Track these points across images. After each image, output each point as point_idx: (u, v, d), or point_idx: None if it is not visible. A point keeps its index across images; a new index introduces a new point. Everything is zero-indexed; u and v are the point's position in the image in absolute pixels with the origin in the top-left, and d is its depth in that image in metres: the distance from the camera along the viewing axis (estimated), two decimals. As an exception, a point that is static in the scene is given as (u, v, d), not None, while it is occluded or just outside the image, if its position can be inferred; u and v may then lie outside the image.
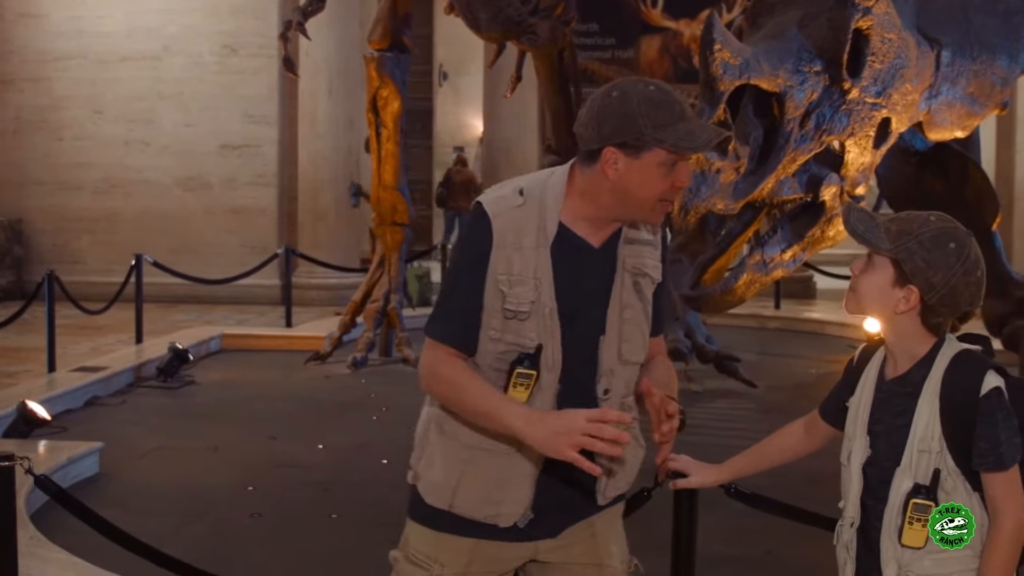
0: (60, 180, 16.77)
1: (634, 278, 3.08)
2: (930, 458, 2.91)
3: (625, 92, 2.96)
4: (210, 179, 16.62)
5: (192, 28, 16.55)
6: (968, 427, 2.87)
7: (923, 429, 2.91)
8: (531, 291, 2.98)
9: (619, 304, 3.06)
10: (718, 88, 5.56)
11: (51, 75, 16.71)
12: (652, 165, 2.94)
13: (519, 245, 3.00)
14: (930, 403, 2.92)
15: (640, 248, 3.10)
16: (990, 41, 6.55)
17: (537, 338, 2.98)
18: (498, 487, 3.06)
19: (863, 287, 3.00)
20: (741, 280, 6.00)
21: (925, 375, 2.95)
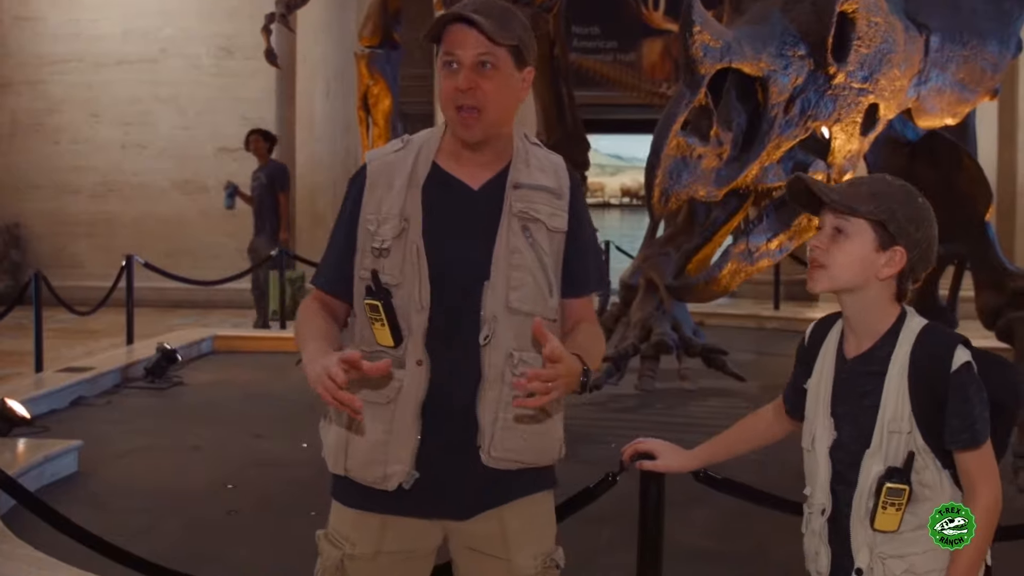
0: (57, 184, 16.71)
1: (523, 223, 2.97)
2: (900, 439, 2.79)
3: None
4: (207, 182, 16.54)
5: (188, 31, 16.48)
6: (939, 404, 2.76)
7: (892, 409, 2.80)
8: (395, 228, 2.90)
9: (505, 248, 2.95)
10: (699, 71, 5.41)
11: (47, 78, 16.65)
12: (439, 66, 2.91)
13: (390, 185, 2.96)
14: (898, 381, 2.80)
15: (532, 193, 3.00)
16: (980, 26, 6.41)
17: (400, 275, 2.90)
18: (382, 445, 2.95)
19: (839, 259, 2.86)
20: (726, 269, 5.86)
21: (890, 352, 2.83)
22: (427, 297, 2.92)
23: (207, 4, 16.46)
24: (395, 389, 2.93)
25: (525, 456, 3.04)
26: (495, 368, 2.96)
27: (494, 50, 2.88)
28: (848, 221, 2.84)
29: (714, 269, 5.88)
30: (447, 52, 2.88)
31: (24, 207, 16.70)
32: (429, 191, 2.97)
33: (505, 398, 2.97)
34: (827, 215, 2.89)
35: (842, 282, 2.86)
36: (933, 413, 2.76)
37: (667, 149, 5.38)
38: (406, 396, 2.92)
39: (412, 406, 2.93)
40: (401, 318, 2.91)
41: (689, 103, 5.41)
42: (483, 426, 2.97)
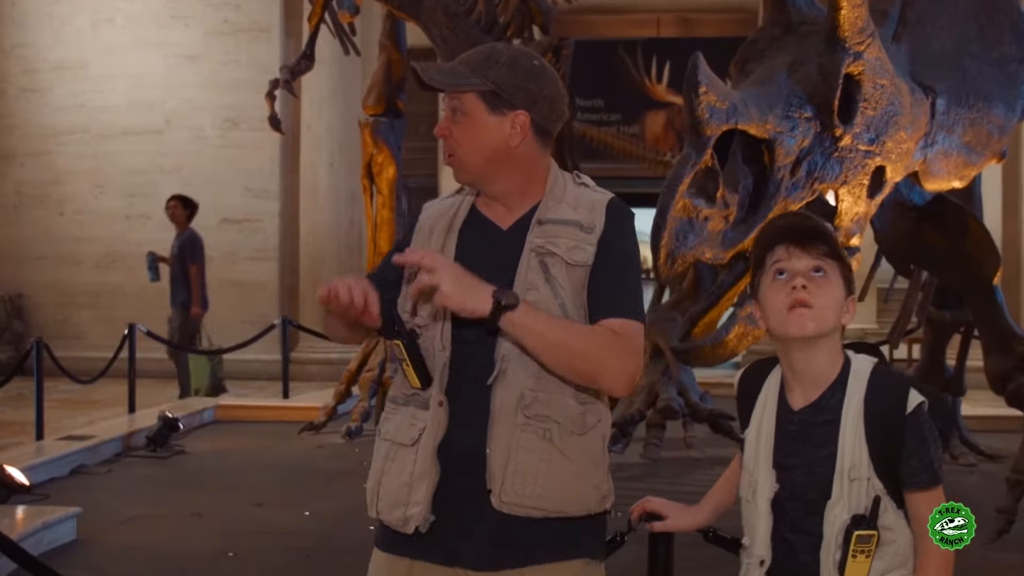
0: (61, 254, 16.71)
1: (540, 258, 2.93)
2: (862, 486, 2.75)
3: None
4: (211, 253, 16.42)
5: (193, 102, 16.54)
6: (895, 447, 2.72)
7: (851, 457, 2.76)
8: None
9: (522, 285, 2.90)
10: (705, 132, 5.37)
11: (52, 149, 16.69)
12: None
13: (432, 230, 2.98)
14: (853, 428, 2.76)
15: (555, 227, 2.95)
16: (986, 89, 6.40)
17: (429, 317, 2.88)
18: (404, 485, 2.92)
19: (824, 299, 2.82)
20: (732, 333, 5.80)
21: (841, 399, 2.79)
22: (448, 337, 2.90)
23: (212, 76, 16.52)
24: (419, 430, 2.91)
25: (545, 503, 2.90)
26: (506, 408, 2.89)
27: (460, 97, 2.93)
28: (824, 260, 2.82)
29: (721, 332, 5.82)
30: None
31: (27, 277, 16.69)
32: (464, 234, 3.00)
33: (518, 440, 2.89)
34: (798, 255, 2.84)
35: (828, 325, 2.82)
36: (890, 457, 2.73)
37: (673, 211, 5.34)
38: (427, 437, 2.89)
39: (431, 447, 2.89)
40: (427, 358, 2.89)
41: (695, 164, 5.37)
42: (493, 469, 2.89)
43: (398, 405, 3.01)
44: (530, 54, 3.04)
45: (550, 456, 2.92)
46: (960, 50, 6.41)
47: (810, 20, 5.92)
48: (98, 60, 16.60)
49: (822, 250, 2.80)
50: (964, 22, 6.49)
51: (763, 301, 2.86)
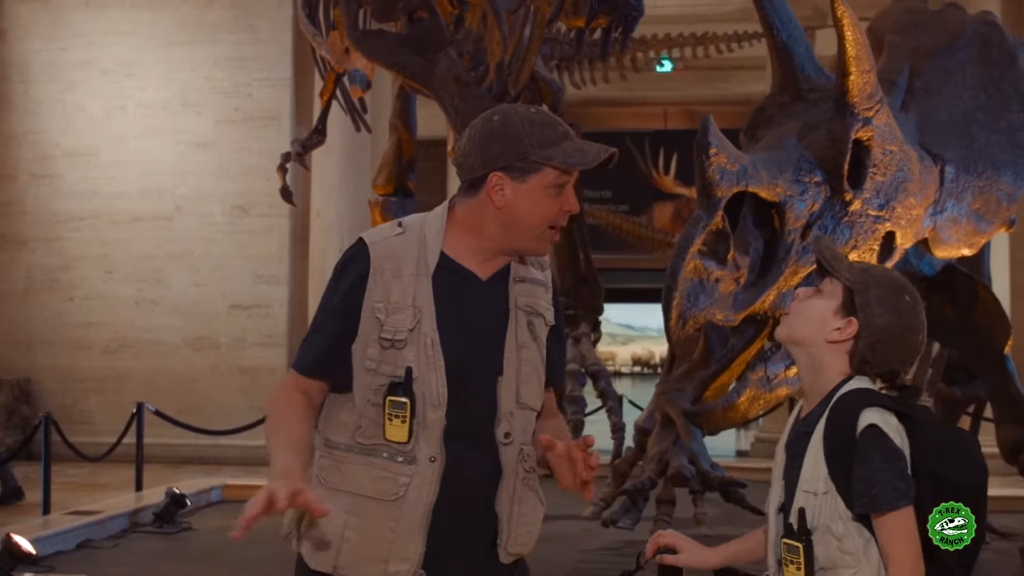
0: (69, 340, 16.71)
1: (528, 317, 2.96)
2: (814, 500, 2.77)
3: (507, 114, 2.88)
4: (219, 339, 16.54)
5: (203, 189, 16.62)
6: (848, 466, 2.74)
7: (810, 469, 2.80)
8: (409, 319, 2.84)
9: (515, 343, 2.92)
10: (715, 194, 5.41)
11: (63, 235, 16.76)
12: (540, 188, 2.85)
13: (398, 273, 2.90)
14: (818, 443, 2.79)
15: (532, 287, 2.99)
16: (994, 157, 6.45)
17: (416, 369, 2.84)
18: (385, 542, 2.86)
19: (805, 310, 2.92)
20: (744, 396, 5.81)
21: (822, 413, 2.84)
22: (444, 393, 2.88)
23: (222, 163, 16.61)
24: (403, 486, 2.87)
25: (525, 549, 3.03)
26: (511, 463, 2.93)
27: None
28: (831, 283, 2.89)
29: (732, 395, 5.82)
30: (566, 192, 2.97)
31: (36, 362, 16.69)
32: (439, 281, 2.94)
33: (518, 493, 2.93)
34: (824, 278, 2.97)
35: (796, 333, 2.91)
36: (847, 476, 2.75)
37: (684, 272, 5.37)
38: (416, 493, 2.85)
39: (424, 504, 2.86)
40: (417, 413, 2.87)
41: (706, 226, 5.41)
42: (503, 523, 2.91)
43: (352, 453, 2.94)
44: (485, 116, 3.01)
45: (535, 505, 3.00)
46: (968, 119, 6.47)
47: (819, 87, 5.98)
48: (110, 147, 16.71)
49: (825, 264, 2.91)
50: (972, 91, 6.55)
51: None
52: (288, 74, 16.51)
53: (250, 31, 16.59)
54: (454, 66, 6.84)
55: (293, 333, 16.46)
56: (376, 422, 2.89)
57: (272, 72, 16.57)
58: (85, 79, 16.82)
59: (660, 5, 17.63)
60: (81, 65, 16.82)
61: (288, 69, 16.51)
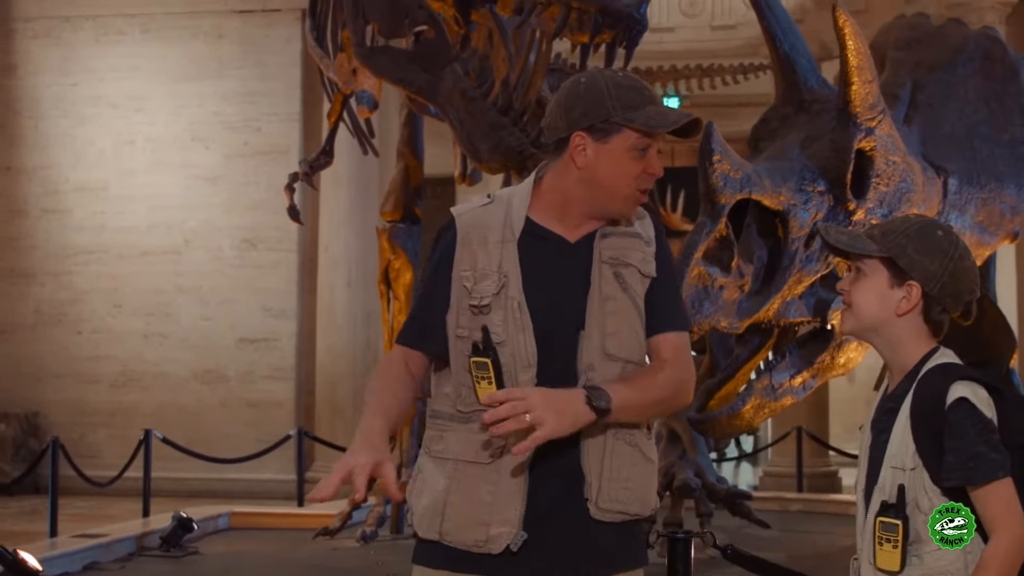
0: (78, 373, 16.74)
1: (614, 269, 2.95)
2: (903, 475, 2.74)
3: (593, 77, 2.92)
4: (227, 372, 16.56)
5: (212, 223, 16.69)
6: (938, 440, 2.71)
7: (897, 445, 2.77)
8: (494, 284, 2.87)
9: (599, 296, 2.93)
10: (719, 201, 5.45)
11: (72, 269, 16.83)
12: (622, 149, 2.87)
13: (484, 240, 2.93)
14: (905, 418, 2.77)
15: (621, 240, 2.98)
16: (997, 170, 6.48)
17: (504, 332, 2.86)
18: (486, 506, 2.88)
19: (859, 298, 2.88)
20: (749, 404, 5.82)
21: (908, 388, 2.81)
22: (534, 354, 2.90)
23: (231, 197, 16.68)
24: (498, 448, 2.88)
25: (630, 507, 2.99)
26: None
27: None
28: (864, 262, 2.86)
29: (737, 403, 5.83)
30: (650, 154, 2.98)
31: (45, 396, 16.72)
32: (524, 245, 2.97)
33: (610, 447, 2.92)
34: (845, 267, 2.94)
35: (865, 321, 2.87)
36: (936, 451, 2.72)
37: (688, 278, 5.39)
38: (512, 455, 2.86)
39: (520, 465, 2.88)
40: (506, 376, 2.89)
41: (710, 232, 5.44)
42: (589, 478, 2.92)
43: (454, 422, 2.98)
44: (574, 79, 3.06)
45: (636, 460, 2.98)
46: (971, 132, 6.50)
47: (822, 99, 6.02)
48: (119, 181, 16.80)
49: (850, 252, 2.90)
50: (974, 105, 6.59)
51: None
52: (297, 109, 16.63)
53: (259, 66, 16.71)
54: (460, 81, 6.87)
55: (301, 366, 16.49)
56: (472, 388, 2.93)
57: (281, 107, 16.69)
58: (95, 114, 16.94)
59: (668, 41, 17.83)
60: (91, 100, 16.95)
61: (297, 104, 16.63)
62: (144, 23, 16.96)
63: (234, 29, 16.81)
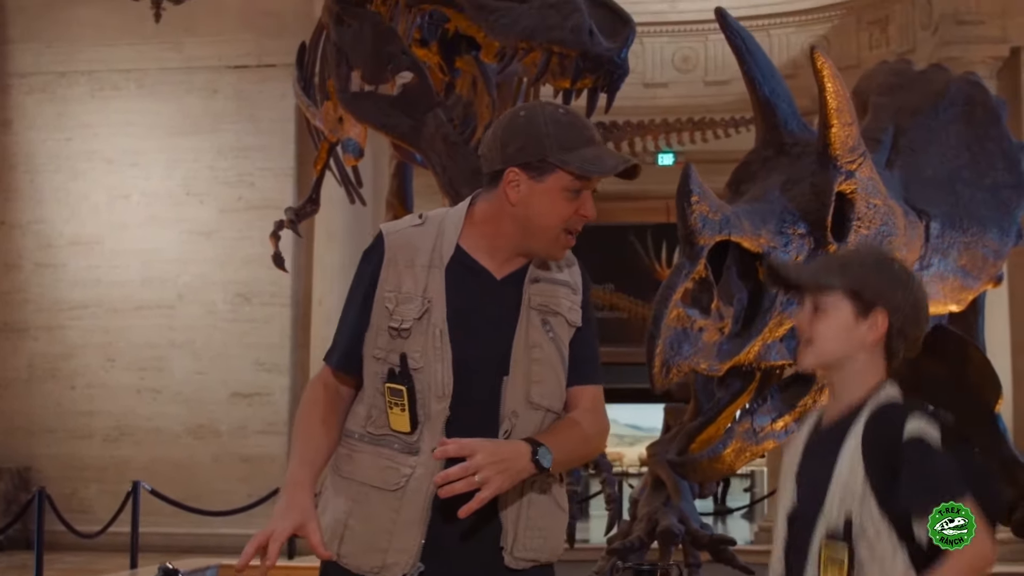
0: (70, 428, 16.71)
1: (542, 316, 2.94)
2: (850, 504, 2.73)
3: (533, 112, 2.90)
4: (220, 427, 16.52)
5: (206, 277, 16.71)
6: (893, 472, 2.70)
7: (846, 473, 2.75)
8: (417, 309, 2.85)
9: (524, 342, 2.91)
10: (697, 242, 5.41)
11: (65, 323, 16.82)
12: (556, 189, 2.85)
13: (411, 263, 2.91)
14: (854, 446, 2.76)
15: (551, 287, 2.97)
16: (980, 214, 6.46)
17: (421, 359, 2.83)
18: (386, 532, 2.85)
19: (822, 334, 2.87)
20: (730, 448, 5.76)
21: (854, 417, 2.81)
22: (450, 385, 2.88)
23: (224, 252, 16.69)
24: (404, 476, 2.86)
25: (542, 555, 2.99)
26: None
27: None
28: (824, 297, 2.85)
29: (718, 446, 5.78)
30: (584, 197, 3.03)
31: (36, 451, 16.66)
32: (452, 274, 2.95)
33: (527, 497, 2.90)
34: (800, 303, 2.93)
35: (827, 356, 2.87)
36: (887, 481, 2.70)
37: (667, 320, 5.35)
38: (418, 484, 2.85)
39: (424, 495, 2.85)
40: (420, 405, 2.86)
41: (689, 274, 5.40)
42: (506, 526, 2.89)
43: (363, 443, 2.96)
44: (514, 110, 3.06)
45: (551, 509, 2.96)
46: (953, 176, 6.49)
47: (803, 142, 5.99)
48: (113, 236, 16.83)
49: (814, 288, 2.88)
50: (956, 149, 6.58)
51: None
52: (291, 164, 16.68)
53: (253, 121, 16.78)
54: (442, 126, 6.89)
55: (293, 422, 16.40)
56: (384, 412, 2.90)
57: (275, 162, 16.75)
58: (89, 169, 16.99)
59: (661, 96, 17.91)
60: (86, 155, 17.00)
61: (291, 159, 16.68)
62: (139, 79, 17.05)
63: (228, 84, 16.90)
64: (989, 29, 15.46)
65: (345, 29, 7.34)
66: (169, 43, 16.62)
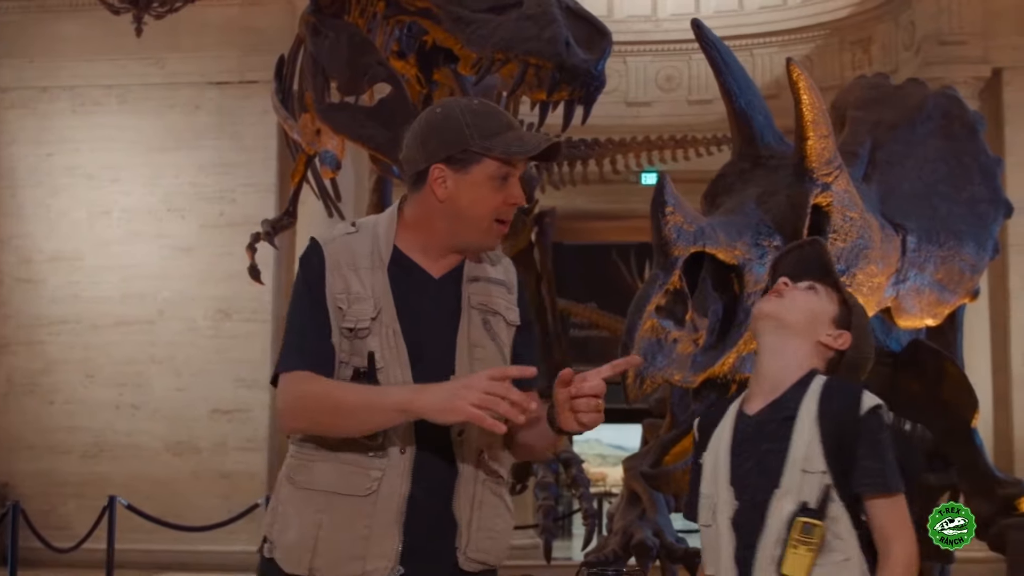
0: (49, 444, 16.61)
1: (483, 315, 2.93)
2: (816, 479, 2.71)
3: (448, 106, 2.89)
4: (200, 443, 16.44)
5: (186, 293, 16.65)
6: (850, 449, 2.71)
7: (804, 449, 2.74)
8: (370, 308, 2.82)
9: (467, 342, 2.89)
10: (672, 253, 5.40)
11: (44, 339, 16.75)
12: (482, 179, 2.84)
13: (354, 266, 2.88)
14: (809, 424, 2.77)
15: (488, 286, 2.96)
16: (957, 228, 6.46)
17: (380, 359, 2.80)
18: (362, 539, 2.80)
19: (803, 300, 2.91)
20: (704, 460, 5.74)
21: (800, 397, 2.81)
22: (410, 380, 2.85)
23: (205, 268, 16.64)
24: (375, 480, 2.82)
25: (490, 558, 2.96)
26: (468, 464, 2.88)
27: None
28: (825, 288, 2.88)
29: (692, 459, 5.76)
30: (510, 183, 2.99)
31: (15, 467, 16.55)
32: (392, 275, 2.93)
33: (480, 497, 2.87)
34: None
35: (787, 315, 2.89)
36: (845, 460, 2.71)
37: (641, 331, 5.34)
38: (390, 486, 2.81)
39: (398, 496, 2.82)
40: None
41: (663, 285, 5.39)
42: (461, 527, 2.87)
43: (322, 451, 2.90)
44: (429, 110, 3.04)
45: (501, 511, 2.94)
46: (930, 190, 6.49)
47: (779, 155, 6.00)
48: (93, 252, 16.77)
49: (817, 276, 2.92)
50: (933, 163, 6.58)
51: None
52: (272, 180, 16.63)
53: (235, 138, 16.74)
54: (419, 138, 6.86)
55: (274, 438, 16.36)
56: None
57: (256, 178, 16.70)
58: (70, 184, 16.93)
59: (644, 115, 17.91)
60: (67, 171, 16.94)
61: (272, 175, 16.63)
62: (121, 94, 17.02)
63: (210, 100, 16.87)
64: (971, 50, 15.54)
65: (322, 40, 7.31)
66: (151, 59, 16.58)
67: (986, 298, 14.56)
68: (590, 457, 27.18)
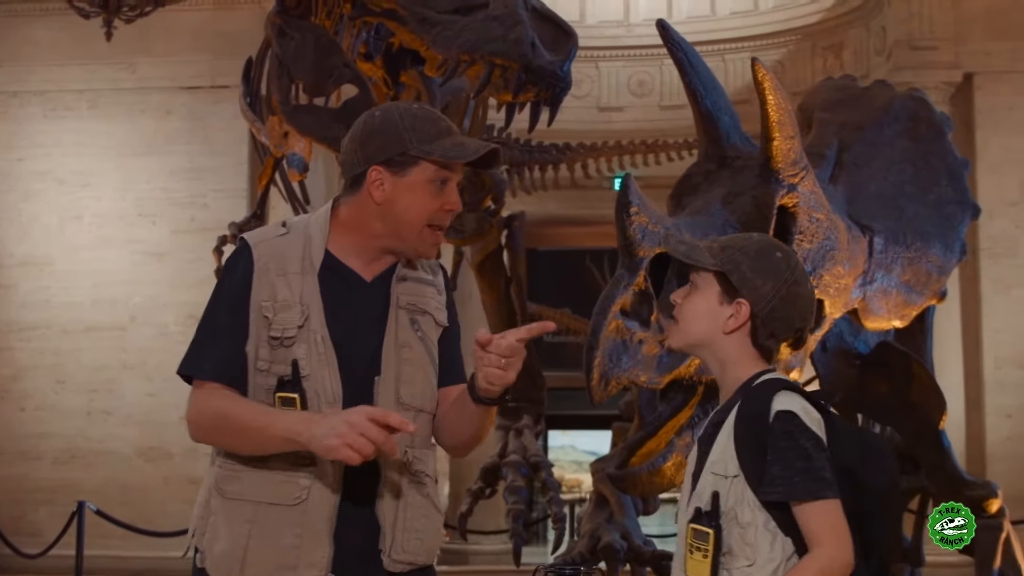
0: (20, 450, 16.50)
1: (411, 315, 2.92)
2: (724, 482, 2.68)
3: (387, 110, 2.88)
4: (171, 449, 16.35)
5: (158, 299, 16.56)
6: (761, 451, 2.66)
7: (719, 452, 2.73)
8: (297, 316, 2.80)
9: (394, 342, 2.88)
10: (637, 254, 5.38)
11: (14, 345, 16.65)
12: (420, 182, 2.83)
13: (283, 271, 2.86)
14: (729, 428, 2.74)
15: (418, 286, 2.95)
16: (924, 229, 6.46)
17: (307, 366, 2.78)
18: (292, 548, 2.78)
19: (687, 311, 2.87)
20: (670, 461, 5.72)
21: (736, 401, 2.79)
22: (339, 390, 2.85)
23: (176, 273, 16.55)
24: (304, 488, 2.80)
25: (419, 557, 2.95)
26: (391, 465, 2.85)
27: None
28: (699, 275, 2.84)
29: (659, 460, 5.73)
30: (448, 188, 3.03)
31: (-15, 474, 16.48)
32: (323, 279, 2.92)
33: (405, 498, 2.85)
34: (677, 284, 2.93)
35: (692, 336, 2.85)
36: (759, 463, 2.67)
37: (605, 331, 5.31)
38: (319, 495, 2.80)
39: (328, 506, 2.81)
40: (311, 411, 2.82)
41: (628, 286, 5.36)
42: (384, 529, 2.85)
43: (250, 461, 2.88)
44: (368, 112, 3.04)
45: (428, 511, 2.93)
46: (897, 191, 6.49)
47: (745, 155, 5.99)
48: (64, 257, 16.68)
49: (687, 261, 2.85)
50: (900, 165, 6.58)
51: None
52: (244, 185, 16.55)
53: (206, 143, 16.68)
54: (385, 140, 6.83)
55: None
56: None
57: (228, 183, 16.64)
58: (41, 189, 16.84)
59: (617, 120, 17.90)
60: (37, 176, 16.85)
61: (244, 180, 16.55)
62: (92, 99, 16.94)
63: (181, 105, 16.80)
64: (942, 55, 15.60)
65: (288, 41, 7.28)
66: (122, 63, 16.52)
67: (957, 302, 14.62)
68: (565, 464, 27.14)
